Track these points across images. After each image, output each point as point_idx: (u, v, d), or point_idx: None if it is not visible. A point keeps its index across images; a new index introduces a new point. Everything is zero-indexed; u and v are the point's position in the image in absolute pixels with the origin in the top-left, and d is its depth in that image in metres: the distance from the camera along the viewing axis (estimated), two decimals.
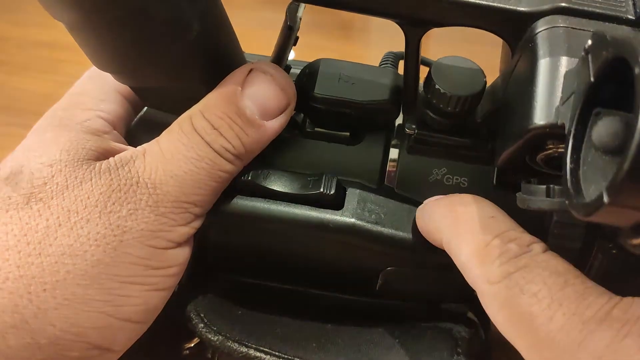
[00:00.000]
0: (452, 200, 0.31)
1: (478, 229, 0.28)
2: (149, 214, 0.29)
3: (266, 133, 0.32)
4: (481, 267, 0.26)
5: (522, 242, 0.27)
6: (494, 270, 0.26)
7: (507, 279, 0.25)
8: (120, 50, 0.29)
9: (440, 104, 0.32)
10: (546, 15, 0.28)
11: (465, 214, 0.29)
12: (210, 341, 0.34)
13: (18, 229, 0.28)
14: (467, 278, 0.28)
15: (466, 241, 0.28)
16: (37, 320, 0.28)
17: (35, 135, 0.32)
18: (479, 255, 0.27)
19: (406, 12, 0.29)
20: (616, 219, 0.19)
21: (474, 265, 0.27)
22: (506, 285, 0.25)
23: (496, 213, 0.29)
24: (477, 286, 0.27)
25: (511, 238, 0.27)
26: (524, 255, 0.26)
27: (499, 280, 0.25)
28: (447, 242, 0.29)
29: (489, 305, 0.26)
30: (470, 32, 0.30)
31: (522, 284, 0.25)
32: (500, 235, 0.27)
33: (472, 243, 0.27)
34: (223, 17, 0.32)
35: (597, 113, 0.21)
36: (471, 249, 0.27)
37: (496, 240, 0.27)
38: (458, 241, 0.28)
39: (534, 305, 0.24)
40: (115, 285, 0.29)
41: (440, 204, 0.31)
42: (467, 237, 0.28)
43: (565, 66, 0.25)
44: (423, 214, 0.32)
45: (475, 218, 0.28)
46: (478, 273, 0.27)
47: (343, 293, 0.37)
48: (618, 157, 0.20)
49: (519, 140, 0.26)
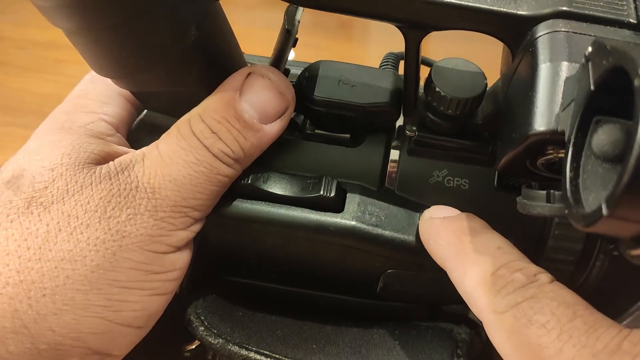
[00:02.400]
0: (459, 226, 0.30)
1: (484, 259, 0.28)
2: (148, 219, 0.29)
3: (265, 137, 0.32)
4: (487, 296, 0.26)
5: (528, 272, 0.27)
6: (500, 300, 0.26)
7: (514, 308, 0.25)
8: (118, 56, 0.29)
9: (440, 107, 0.32)
10: (547, 19, 0.27)
11: (472, 243, 0.29)
12: (211, 344, 0.34)
13: (18, 233, 0.28)
14: (472, 307, 0.28)
15: (472, 271, 0.28)
16: (36, 325, 0.28)
17: (37, 138, 0.32)
18: (484, 284, 0.27)
19: (406, 17, 0.29)
20: (615, 230, 0.19)
21: (479, 294, 0.27)
22: (513, 315, 0.25)
23: (502, 244, 0.29)
24: (483, 316, 0.27)
25: (517, 268, 0.27)
26: (531, 285, 0.26)
27: (506, 310, 0.25)
28: (452, 270, 0.29)
29: (495, 335, 0.26)
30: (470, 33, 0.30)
31: (530, 314, 0.25)
32: (506, 265, 0.27)
33: (478, 273, 0.27)
34: (222, 20, 0.32)
35: (597, 121, 0.21)
36: (477, 278, 0.27)
37: (502, 270, 0.27)
38: (463, 270, 0.28)
39: (543, 336, 0.24)
40: (114, 290, 0.29)
41: (447, 228, 0.30)
42: (472, 267, 0.28)
43: (566, 72, 0.25)
44: (429, 235, 0.31)
45: (482, 248, 0.28)
46: (484, 302, 0.26)
47: (343, 295, 0.37)
48: (618, 166, 0.20)
49: (519, 145, 0.26)
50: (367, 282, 0.36)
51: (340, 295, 0.37)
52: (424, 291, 0.36)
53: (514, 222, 0.32)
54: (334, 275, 0.36)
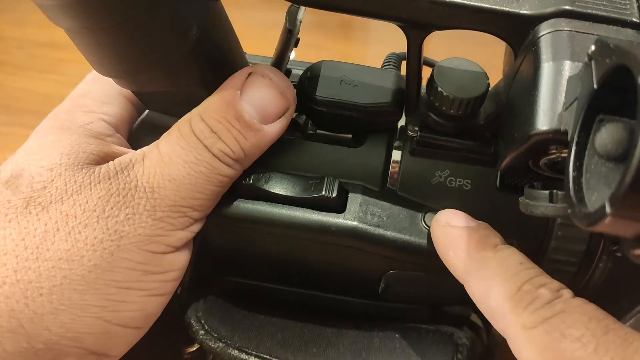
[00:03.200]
0: (480, 240, 0.30)
1: (508, 275, 0.27)
2: (146, 219, 0.29)
3: (265, 137, 0.32)
4: (514, 312, 0.26)
5: (552, 287, 0.26)
6: (528, 316, 0.26)
7: (545, 323, 0.25)
8: (120, 55, 0.28)
9: (442, 107, 0.32)
10: (549, 18, 0.27)
11: (495, 259, 0.29)
12: (211, 348, 0.34)
13: (16, 233, 0.28)
14: (497, 323, 0.27)
15: (496, 287, 0.27)
16: (33, 325, 0.27)
17: (36, 137, 0.32)
18: (511, 301, 0.26)
19: (408, 16, 0.29)
20: (619, 229, 0.19)
21: (506, 311, 0.26)
22: (545, 330, 0.25)
23: (523, 259, 0.29)
24: (511, 331, 0.26)
25: (541, 283, 0.27)
26: (557, 300, 0.26)
27: (535, 326, 0.25)
28: (474, 285, 0.29)
29: (525, 351, 0.26)
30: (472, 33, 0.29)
31: (562, 329, 0.24)
32: (530, 281, 0.27)
33: (503, 289, 0.27)
34: (223, 20, 0.31)
35: (601, 120, 0.21)
36: (502, 295, 0.27)
37: (527, 286, 0.27)
38: (487, 286, 0.28)
39: (578, 349, 0.24)
40: (112, 290, 0.29)
41: (469, 240, 0.30)
42: (496, 283, 0.27)
43: (569, 71, 0.25)
44: (447, 245, 0.31)
45: (505, 264, 0.28)
46: (511, 319, 0.26)
47: (345, 296, 0.37)
48: (621, 165, 0.20)
49: (522, 145, 0.26)
50: (369, 283, 0.35)
51: (341, 296, 0.37)
52: (425, 292, 0.36)
53: (516, 222, 0.32)
54: (336, 276, 0.36)
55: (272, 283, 0.37)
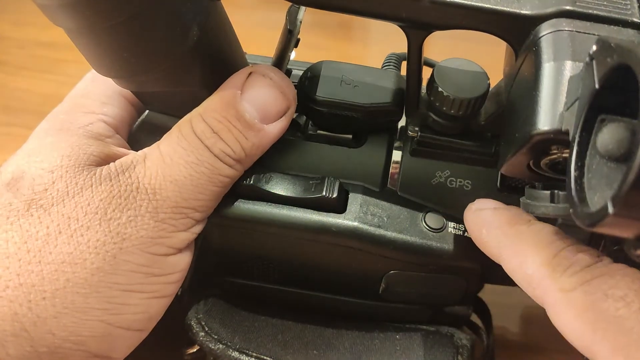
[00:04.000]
0: (512, 216, 0.30)
1: (545, 243, 0.27)
2: (148, 220, 0.29)
3: (266, 137, 0.31)
4: (552, 276, 0.26)
5: (591, 253, 0.26)
6: (566, 279, 0.25)
7: (585, 285, 0.25)
8: (120, 56, 0.28)
9: (443, 107, 0.32)
10: (550, 18, 0.27)
11: (529, 231, 0.28)
12: (211, 350, 0.34)
13: (19, 236, 0.28)
14: (533, 290, 0.27)
15: (532, 254, 0.27)
16: (36, 328, 0.27)
17: (36, 139, 0.32)
18: (548, 265, 0.26)
19: (408, 16, 0.29)
20: (621, 229, 0.19)
21: (543, 275, 0.26)
22: (585, 291, 0.24)
23: (558, 230, 0.28)
24: (548, 296, 0.26)
25: (580, 250, 0.26)
26: (597, 264, 0.25)
27: (575, 288, 0.25)
28: (509, 258, 0.28)
29: (563, 313, 0.25)
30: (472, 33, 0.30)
31: (604, 289, 0.24)
32: (567, 248, 0.26)
33: (540, 255, 0.27)
34: (224, 21, 0.31)
35: (602, 120, 0.21)
36: (539, 260, 0.27)
37: (565, 252, 0.26)
38: (523, 256, 0.27)
39: (622, 308, 0.23)
40: (115, 293, 0.29)
41: (500, 217, 0.30)
42: (533, 250, 0.27)
43: (570, 71, 0.25)
44: (480, 225, 0.30)
45: (540, 234, 0.28)
46: (548, 283, 0.26)
47: (346, 297, 0.37)
48: (623, 165, 0.20)
49: (523, 145, 0.26)
50: (369, 284, 0.35)
51: (342, 297, 0.37)
52: (426, 292, 0.36)
53: None
54: (336, 276, 0.36)
55: (272, 284, 0.37)
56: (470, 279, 0.35)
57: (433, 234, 0.33)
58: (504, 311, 0.44)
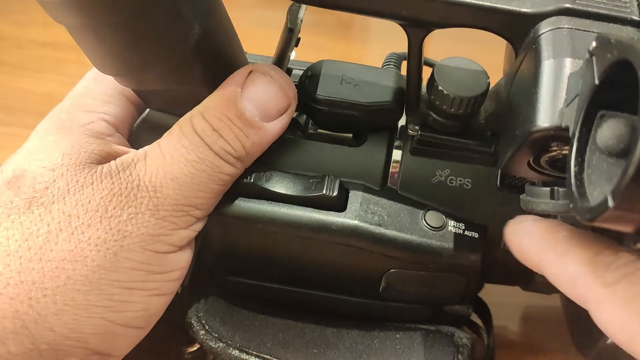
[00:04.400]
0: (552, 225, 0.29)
1: (585, 244, 0.27)
2: (149, 218, 0.29)
3: (267, 135, 0.32)
4: (594, 273, 0.25)
5: (632, 251, 0.26)
6: (609, 274, 0.25)
7: (628, 277, 0.24)
8: (122, 53, 0.28)
9: (443, 105, 0.32)
10: (550, 16, 0.27)
11: (568, 235, 0.28)
12: (212, 348, 0.34)
13: (19, 234, 0.28)
14: (575, 289, 0.26)
15: (573, 255, 0.27)
16: (37, 326, 0.27)
17: (37, 137, 0.32)
18: (590, 263, 0.26)
19: (409, 14, 0.29)
20: (621, 223, 0.19)
21: (585, 273, 0.26)
22: (630, 282, 0.24)
23: (598, 234, 0.28)
24: (591, 292, 0.25)
25: (620, 250, 0.26)
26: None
27: (618, 281, 0.24)
28: (549, 262, 0.28)
29: (606, 307, 0.25)
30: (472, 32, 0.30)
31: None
32: (609, 247, 0.26)
33: (581, 255, 0.26)
34: (225, 19, 0.32)
35: (602, 116, 0.21)
36: (580, 260, 0.26)
37: (606, 251, 0.26)
38: (564, 258, 0.27)
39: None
40: (115, 290, 0.29)
41: (540, 226, 0.30)
42: (574, 252, 0.27)
43: (570, 68, 0.25)
44: (521, 235, 0.30)
45: (580, 237, 0.27)
46: (591, 280, 0.25)
47: (346, 295, 0.37)
48: (623, 161, 0.20)
49: (523, 142, 0.26)
50: (369, 282, 0.35)
51: (342, 296, 0.37)
52: (426, 291, 0.36)
53: None
54: (337, 275, 0.36)
55: (272, 283, 0.37)
56: (470, 278, 0.35)
57: (433, 233, 0.33)
58: (505, 311, 0.44)
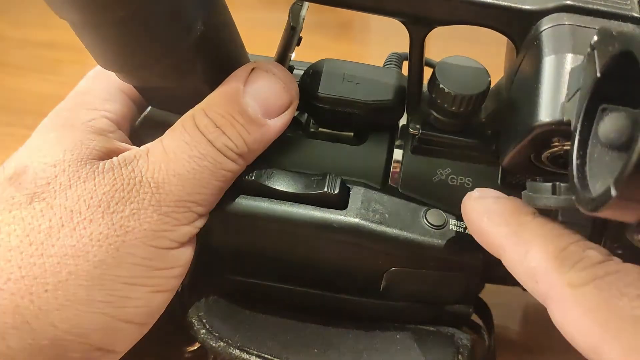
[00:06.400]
0: (516, 206, 0.28)
1: (551, 236, 0.26)
2: (151, 214, 0.29)
3: (269, 131, 0.32)
4: (559, 270, 0.24)
5: (602, 251, 0.25)
6: (576, 273, 0.24)
7: (597, 280, 0.23)
8: (124, 49, 0.29)
9: (444, 104, 0.32)
10: (551, 13, 0.28)
11: (534, 222, 0.27)
12: (212, 347, 0.34)
13: (21, 229, 0.28)
14: (536, 285, 0.25)
15: (537, 246, 0.26)
16: (38, 321, 0.27)
17: (39, 135, 0.32)
18: (555, 259, 0.25)
19: (410, 11, 0.29)
20: (623, 213, 0.19)
21: (548, 268, 0.25)
22: (598, 287, 0.23)
23: (565, 226, 0.27)
24: (553, 290, 0.24)
25: (588, 246, 0.25)
26: (609, 262, 0.24)
27: (586, 283, 0.23)
28: (510, 248, 0.27)
29: (570, 310, 0.24)
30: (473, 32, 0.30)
31: (620, 286, 0.23)
32: (576, 243, 0.25)
33: (546, 248, 0.25)
34: (227, 17, 0.32)
35: (604, 109, 0.21)
36: (544, 253, 0.25)
37: (573, 247, 0.25)
38: (526, 247, 0.26)
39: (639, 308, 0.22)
40: (117, 286, 0.29)
41: (503, 207, 0.29)
42: (538, 242, 0.26)
43: (571, 63, 0.25)
44: (481, 213, 0.29)
45: (546, 226, 0.27)
46: (555, 277, 0.24)
47: (347, 294, 0.37)
48: (625, 153, 0.20)
49: (525, 137, 0.26)
50: (370, 281, 0.35)
51: (343, 295, 0.37)
52: (427, 290, 0.36)
53: None
54: (338, 273, 0.36)
55: (273, 281, 0.37)
56: (471, 277, 0.35)
57: (434, 231, 0.33)
58: (505, 311, 0.44)
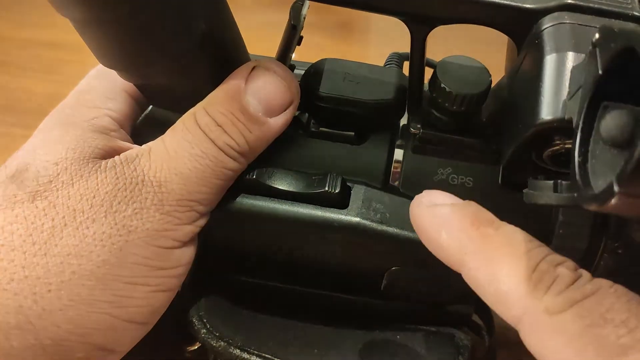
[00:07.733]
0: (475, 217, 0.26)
1: (519, 254, 0.24)
2: (154, 213, 0.29)
3: (270, 130, 0.32)
4: (533, 295, 0.23)
5: (569, 266, 0.24)
6: (551, 299, 0.23)
7: (577, 306, 0.22)
8: (126, 47, 0.29)
9: (445, 103, 0.32)
10: (552, 11, 0.28)
11: (498, 235, 0.25)
12: (213, 347, 0.34)
13: (24, 228, 0.28)
14: (508, 310, 0.24)
15: (506, 268, 0.24)
16: (41, 321, 0.27)
17: (41, 133, 0.32)
18: (528, 282, 0.23)
19: (412, 9, 0.29)
20: (626, 209, 0.19)
21: (521, 294, 0.23)
22: (577, 314, 0.22)
23: (529, 236, 0.26)
24: (529, 317, 0.23)
25: (557, 262, 0.24)
26: (582, 280, 0.23)
27: (564, 310, 0.22)
28: (474, 268, 0.25)
29: (550, 339, 0.22)
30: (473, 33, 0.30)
31: (602, 312, 0.22)
32: (545, 259, 0.24)
33: (516, 270, 0.24)
34: (229, 16, 0.32)
35: (605, 106, 0.21)
36: (515, 276, 0.24)
37: (543, 265, 0.24)
38: (493, 268, 0.24)
39: (625, 336, 0.21)
40: (120, 286, 0.29)
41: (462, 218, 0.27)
42: (505, 263, 0.24)
43: (572, 61, 0.25)
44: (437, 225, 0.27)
45: (511, 241, 0.25)
46: (530, 303, 0.23)
47: (347, 294, 0.37)
48: (626, 151, 0.20)
49: (526, 136, 0.26)
50: (371, 280, 0.35)
51: (344, 294, 0.37)
52: (427, 289, 0.36)
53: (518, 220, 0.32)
54: (338, 272, 0.36)
55: (274, 281, 0.37)
56: None
57: None
58: None
